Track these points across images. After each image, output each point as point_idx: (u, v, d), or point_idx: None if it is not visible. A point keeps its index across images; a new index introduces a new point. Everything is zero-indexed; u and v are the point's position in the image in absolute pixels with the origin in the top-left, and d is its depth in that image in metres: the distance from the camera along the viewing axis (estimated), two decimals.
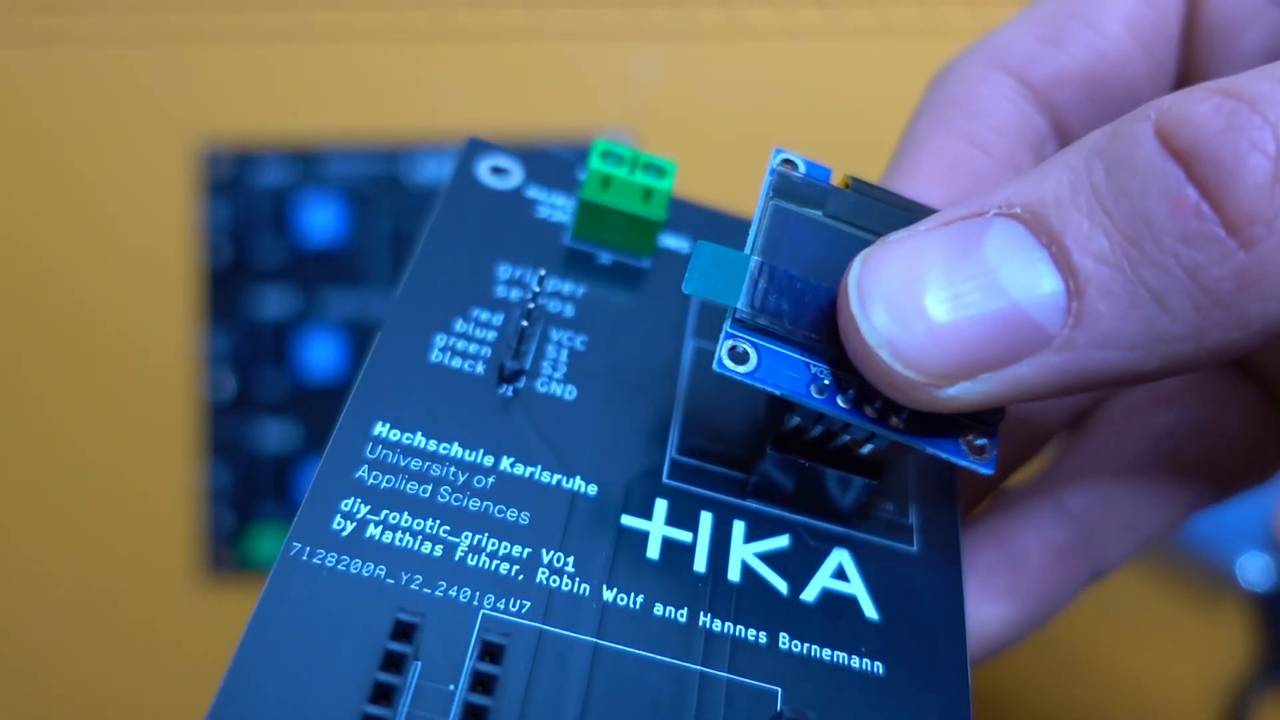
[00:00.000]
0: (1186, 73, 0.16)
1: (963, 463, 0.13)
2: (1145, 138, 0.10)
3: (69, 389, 0.31)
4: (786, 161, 0.14)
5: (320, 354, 0.31)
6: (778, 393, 0.12)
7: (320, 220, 0.31)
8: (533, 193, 0.16)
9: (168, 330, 0.31)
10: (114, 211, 0.31)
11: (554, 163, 0.16)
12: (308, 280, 0.31)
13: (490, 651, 0.11)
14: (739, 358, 0.12)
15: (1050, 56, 0.15)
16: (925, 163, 0.16)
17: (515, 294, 0.15)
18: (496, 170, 0.16)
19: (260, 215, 0.31)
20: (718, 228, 0.16)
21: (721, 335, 0.12)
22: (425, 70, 0.31)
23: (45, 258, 0.31)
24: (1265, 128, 0.10)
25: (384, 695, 0.11)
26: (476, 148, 0.16)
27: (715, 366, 0.12)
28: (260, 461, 0.31)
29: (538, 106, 0.31)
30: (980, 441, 0.12)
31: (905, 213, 0.13)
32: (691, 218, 0.16)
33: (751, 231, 0.13)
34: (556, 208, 0.16)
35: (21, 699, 0.31)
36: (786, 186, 0.13)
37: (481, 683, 0.11)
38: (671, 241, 0.16)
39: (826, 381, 0.12)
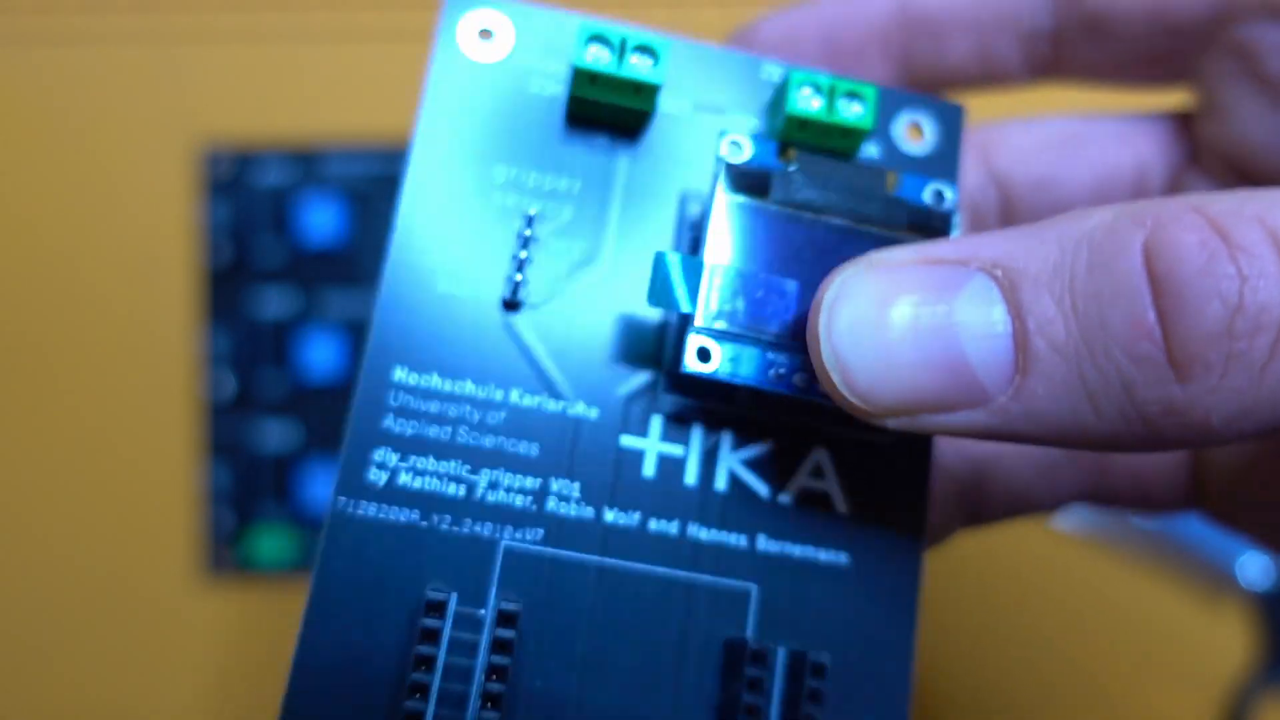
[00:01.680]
0: None
1: None
2: (1133, 249, 0.11)
3: (69, 389, 0.31)
4: (733, 144, 0.14)
5: (320, 354, 0.31)
6: (742, 383, 0.13)
7: (320, 220, 0.31)
8: (524, 58, 0.15)
9: (168, 330, 0.31)
10: (114, 212, 0.31)
11: (545, 19, 0.15)
12: (308, 280, 0.31)
13: (507, 617, 0.13)
14: (704, 356, 0.13)
15: None
16: None
17: (513, 200, 0.14)
18: (484, 34, 0.15)
19: (260, 215, 0.31)
20: (720, 72, 0.15)
21: (684, 339, 0.13)
22: (425, 70, 0.31)
23: (45, 258, 0.31)
24: (1235, 279, 0.10)
25: (430, 637, 0.12)
26: (457, 6, 0.15)
27: (681, 369, 0.13)
28: (260, 461, 0.31)
29: None
30: None
31: (859, 176, 0.13)
32: (690, 69, 0.15)
33: (704, 233, 0.13)
34: (549, 75, 0.15)
35: (21, 698, 0.31)
36: (736, 177, 0.13)
37: (504, 636, 0.13)
38: (671, 104, 0.15)
39: (783, 371, 0.13)
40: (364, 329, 0.31)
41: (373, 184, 0.31)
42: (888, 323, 0.12)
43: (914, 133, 0.15)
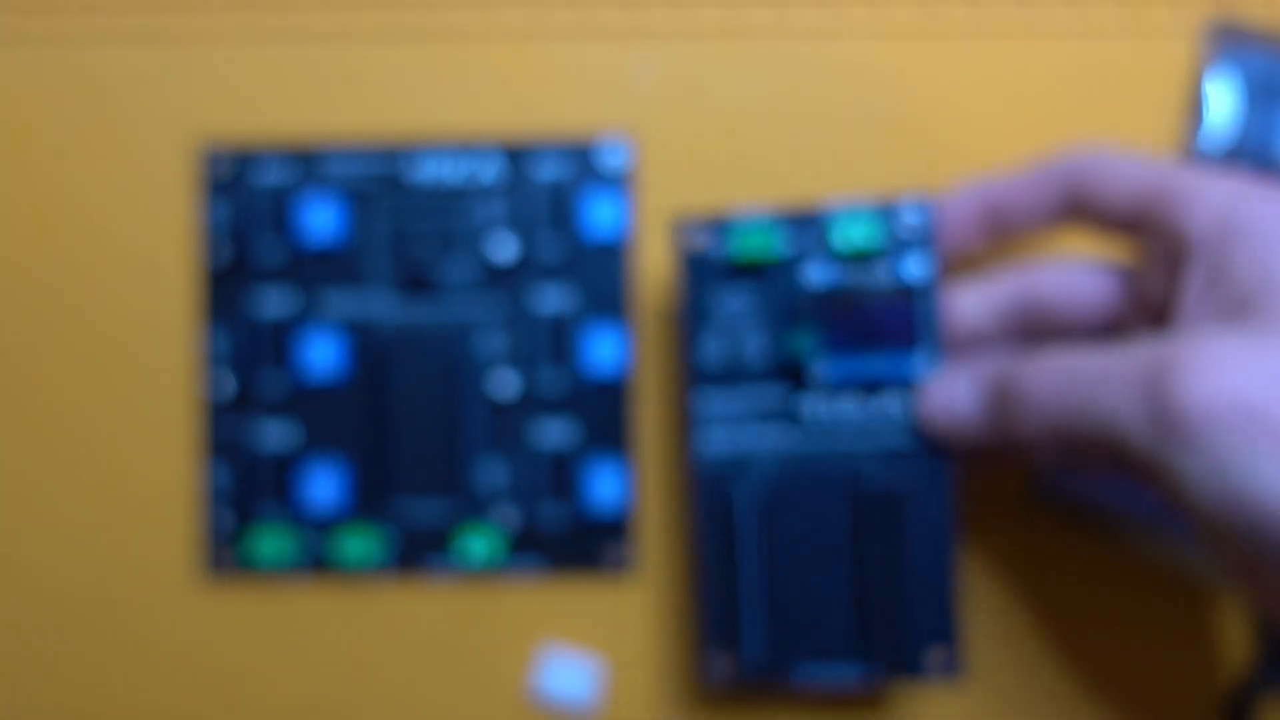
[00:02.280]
0: None
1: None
2: (1002, 383, 0.25)
3: (68, 389, 0.31)
4: (811, 276, 0.27)
5: (320, 354, 0.31)
6: (840, 380, 0.27)
7: (320, 220, 0.31)
8: (709, 245, 0.28)
9: (168, 330, 0.31)
10: (114, 212, 0.31)
11: (720, 224, 0.28)
12: (308, 280, 0.31)
13: (770, 487, 0.27)
14: (822, 377, 0.27)
15: None
16: None
17: (724, 309, 0.28)
18: (692, 237, 0.28)
19: (260, 215, 0.31)
20: (802, 226, 0.28)
21: (810, 367, 0.27)
22: (425, 70, 0.31)
23: (45, 258, 0.31)
24: (1020, 394, 0.24)
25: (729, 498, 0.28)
26: (681, 228, 0.28)
27: (819, 380, 0.27)
28: (260, 461, 0.31)
29: (537, 106, 0.31)
30: None
31: (874, 276, 0.27)
32: (791, 227, 0.28)
33: (810, 322, 0.27)
34: (722, 253, 0.28)
35: (20, 700, 0.31)
36: (820, 297, 0.27)
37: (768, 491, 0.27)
38: (783, 248, 0.27)
39: (856, 368, 0.27)
40: (365, 329, 0.31)
41: (373, 184, 0.31)
42: (930, 409, 0.26)
43: (904, 223, 0.27)
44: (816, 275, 0.27)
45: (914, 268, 0.26)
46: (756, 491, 0.27)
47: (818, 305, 0.27)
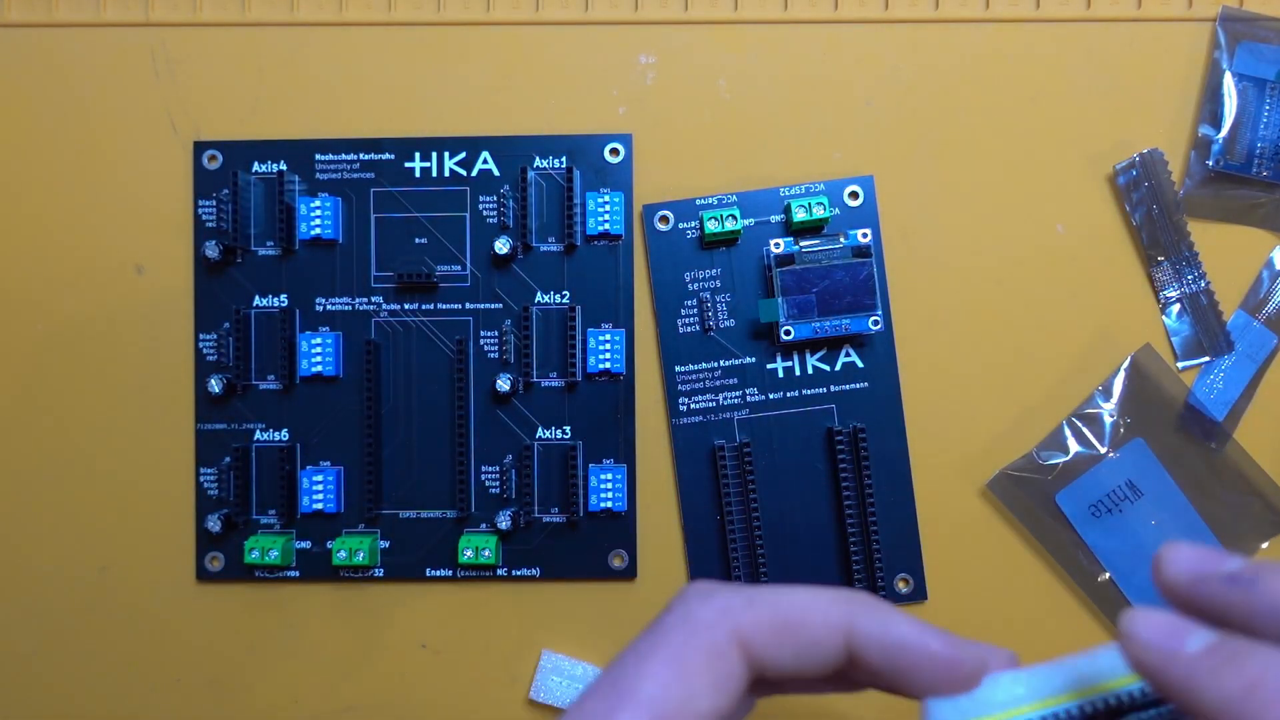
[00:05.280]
0: None
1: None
2: None
3: (68, 389, 0.31)
4: (774, 244, 0.30)
5: (319, 353, 0.30)
6: (799, 336, 0.30)
7: (317, 219, 0.30)
8: (679, 224, 0.31)
9: (166, 330, 0.31)
10: (112, 210, 0.31)
11: (685, 207, 0.31)
12: (305, 279, 0.31)
13: (745, 444, 0.30)
14: (786, 334, 0.29)
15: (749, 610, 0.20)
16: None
17: (695, 285, 0.31)
18: (661, 219, 0.31)
19: (258, 214, 0.31)
20: (765, 201, 0.31)
21: (778, 327, 0.30)
22: (424, 69, 0.31)
23: (43, 257, 0.31)
24: None
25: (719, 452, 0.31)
26: (651, 210, 0.31)
27: (781, 339, 0.30)
28: (260, 461, 0.31)
29: (537, 105, 0.31)
30: None
31: (829, 241, 0.30)
32: (753, 203, 0.31)
33: (773, 283, 0.30)
34: (693, 229, 0.31)
35: (20, 699, 0.31)
36: (778, 260, 0.30)
37: (744, 450, 0.30)
38: (746, 220, 0.31)
39: (809, 326, 0.30)
40: (363, 327, 0.31)
41: (370, 183, 0.31)
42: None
43: (851, 198, 0.31)
44: (778, 246, 0.29)
45: (862, 236, 0.29)
46: (734, 439, 0.30)
47: (781, 272, 0.29)
